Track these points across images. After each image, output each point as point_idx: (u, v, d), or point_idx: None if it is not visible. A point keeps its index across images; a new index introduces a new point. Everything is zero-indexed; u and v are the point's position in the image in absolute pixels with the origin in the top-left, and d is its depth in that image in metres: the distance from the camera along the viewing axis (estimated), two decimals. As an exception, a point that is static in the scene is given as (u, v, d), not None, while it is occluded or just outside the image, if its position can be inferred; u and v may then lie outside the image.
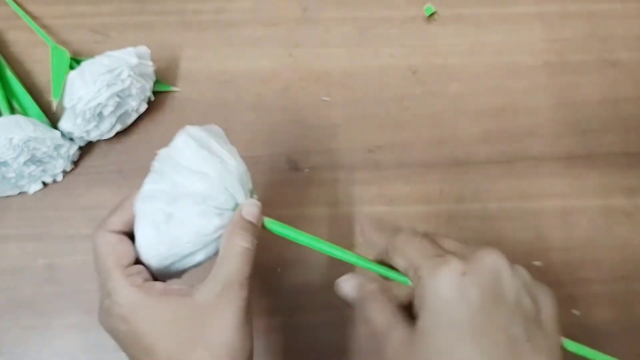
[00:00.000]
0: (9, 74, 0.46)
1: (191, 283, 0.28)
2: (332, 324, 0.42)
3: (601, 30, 0.51)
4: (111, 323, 0.27)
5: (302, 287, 0.42)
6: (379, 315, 0.26)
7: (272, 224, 0.31)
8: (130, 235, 0.29)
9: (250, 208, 0.29)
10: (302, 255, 0.43)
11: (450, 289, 0.22)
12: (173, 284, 0.28)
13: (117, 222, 0.29)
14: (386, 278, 0.29)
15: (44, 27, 0.49)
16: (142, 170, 0.45)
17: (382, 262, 0.29)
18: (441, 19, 0.51)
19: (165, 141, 0.46)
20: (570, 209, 0.45)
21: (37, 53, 0.48)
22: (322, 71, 0.48)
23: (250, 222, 0.28)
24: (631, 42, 0.50)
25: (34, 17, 0.49)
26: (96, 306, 0.41)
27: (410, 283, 0.26)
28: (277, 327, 0.42)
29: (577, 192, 0.45)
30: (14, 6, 0.49)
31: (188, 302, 0.26)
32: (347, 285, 0.29)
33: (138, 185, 0.45)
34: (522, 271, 0.26)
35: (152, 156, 0.45)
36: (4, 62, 0.46)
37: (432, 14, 0.50)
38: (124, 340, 0.27)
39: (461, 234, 0.44)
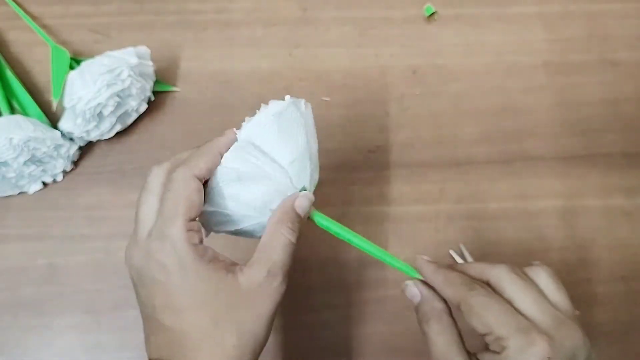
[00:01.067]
0: (9, 73, 0.46)
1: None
2: (333, 323, 0.42)
3: (601, 31, 0.51)
4: (146, 266, 0.26)
5: (302, 287, 0.43)
6: (440, 339, 0.27)
7: (319, 218, 0.30)
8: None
9: (303, 201, 0.28)
10: (302, 255, 0.43)
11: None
12: (221, 254, 0.27)
13: (204, 168, 0.27)
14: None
15: (44, 27, 0.49)
16: (142, 170, 0.45)
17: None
18: (441, 19, 0.51)
19: (166, 141, 0.46)
20: (570, 209, 0.45)
21: (37, 53, 0.48)
22: (322, 71, 0.48)
23: (299, 215, 0.28)
24: (631, 42, 0.50)
25: (34, 17, 0.49)
26: (96, 306, 0.41)
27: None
28: (278, 326, 0.42)
29: (577, 192, 0.45)
30: (14, 6, 0.49)
31: (231, 280, 0.26)
32: (413, 291, 0.30)
33: (138, 185, 0.45)
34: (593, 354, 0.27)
35: (152, 156, 0.46)
36: (4, 62, 0.46)
37: (432, 14, 0.50)
38: (151, 289, 0.26)
39: (461, 234, 0.44)
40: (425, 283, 0.30)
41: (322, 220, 0.31)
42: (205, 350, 0.25)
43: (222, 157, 0.28)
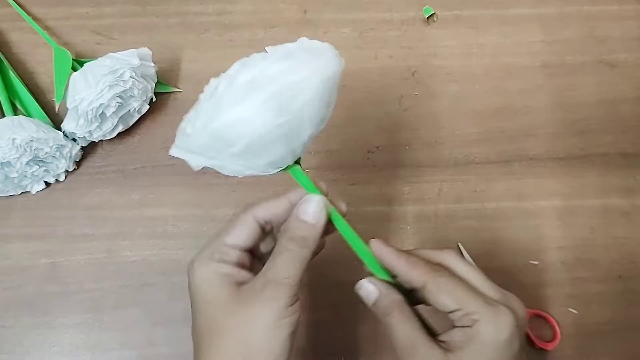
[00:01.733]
0: (12, 75, 0.46)
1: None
2: (332, 322, 0.42)
3: (598, 32, 0.51)
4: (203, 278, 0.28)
5: (303, 286, 0.43)
6: (405, 327, 0.27)
7: (337, 220, 0.29)
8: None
9: (314, 209, 0.28)
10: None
11: (505, 337, 0.26)
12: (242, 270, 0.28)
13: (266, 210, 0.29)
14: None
15: (46, 28, 0.50)
16: (144, 170, 0.46)
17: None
18: (440, 20, 0.51)
19: (167, 141, 0.47)
20: (567, 208, 0.45)
21: (40, 54, 0.49)
22: (322, 72, 0.49)
23: (307, 223, 0.28)
24: (628, 44, 0.51)
25: (36, 19, 0.50)
26: (98, 305, 0.42)
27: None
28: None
29: (574, 192, 0.46)
30: (16, 8, 0.49)
31: (237, 291, 0.27)
32: (369, 288, 0.29)
33: (140, 185, 0.45)
34: None
35: (153, 156, 0.46)
36: (7, 63, 0.47)
37: (430, 16, 0.51)
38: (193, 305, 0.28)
39: (460, 234, 0.44)
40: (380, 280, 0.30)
41: (339, 222, 0.30)
42: (207, 354, 0.26)
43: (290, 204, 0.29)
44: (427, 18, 0.51)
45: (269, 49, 0.27)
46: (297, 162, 0.29)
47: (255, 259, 0.30)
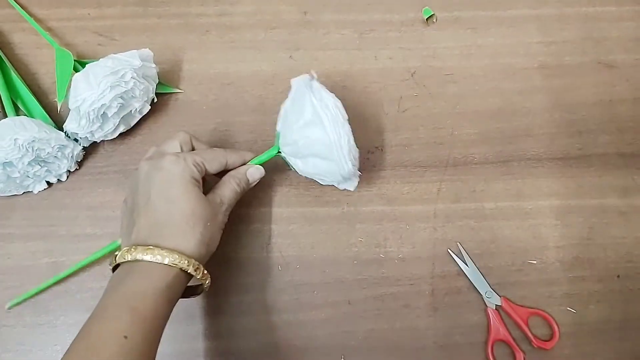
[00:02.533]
0: (14, 75, 0.47)
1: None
2: (332, 321, 0.42)
3: (596, 33, 0.51)
4: (156, 168, 0.36)
5: (301, 286, 0.43)
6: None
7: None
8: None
9: (255, 172, 0.41)
10: (301, 254, 0.44)
11: None
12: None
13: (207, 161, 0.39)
14: None
15: (48, 29, 0.50)
16: (145, 171, 0.46)
17: None
18: (439, 21, 0.52)
19: (168, 142, 0.47)
20: (565, 208, 0.46)
21: (42, 55, 0.49)
22: (322, 73, 0.49)
23: (247, 179, 0.40)
24: (626, 45, 0.51)
25: (38, 20, 0.50)
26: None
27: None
28: (278, 324, 0.42)
29: (572, 192, 0.46)
30: (19, 9, 0.50)
31: (204, 196, 0.37)
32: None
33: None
34: None
35: (154, 157, 0.46)
36: (9, 64, 0.47)
37: (430, 17, 0.51)
38: (153, 184, 0.36)
39: (459, 233, 0.45)
40: None
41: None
42: (178, 231, 0.35)
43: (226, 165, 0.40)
44: (427, 19, 0.51)
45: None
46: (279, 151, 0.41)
47: None
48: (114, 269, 0.35)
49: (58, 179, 0.45)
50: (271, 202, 0.45)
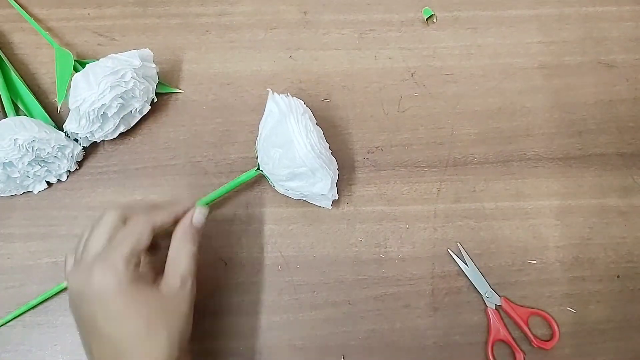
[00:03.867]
0: (14, 75, 0.47)
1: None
2: (332, 321, 0.42)
3: (596, 33, 0.51)
4: (88, 284, 0.31)
5: (301, 286, 0.43)
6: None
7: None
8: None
9: (198, 216, 0.36)
10: (301, 254, 0.44)
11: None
12: (147, 270, 0.34)
13: (159, 222, 0.34)
14: None
15: (48, 29, 0.50)
16: (145, 171, 0.46)
17: None
18: (439, 21, 0.52)
19: (168, 142, 0.47)
20: (565, 208, 0.46)
21: (42, 55, 0.49)
22: (322, 73, 0.49)
23: (197, 228, 0.35)
24: (626, 44, 0.51)
25: (38, 20, 0.50)
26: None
27: None
28: (278, 324, 0.42)
29: (572, 191, 0.46)
30: (18, 9, 0.50)
31: (156, 292, 0.32)
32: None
33: (141, 186, 0.46)
34: None
35: (155, 157, 0.46)
36: (8, 64, 0.47)
37: (430, 17, 0.51)
38: (92, 305, 0.31)
39: (458, 233, 0.44)
40: None
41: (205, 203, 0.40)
42: (142, 347, 0.30)
43: (174, 220, 0.35)
44: (427, 19, 0.51)
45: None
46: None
47: None
48: None
49: (58, 179, 0.45)
50: (271, 201, 0.45)
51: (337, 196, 0.43)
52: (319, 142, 0.38)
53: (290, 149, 0.38)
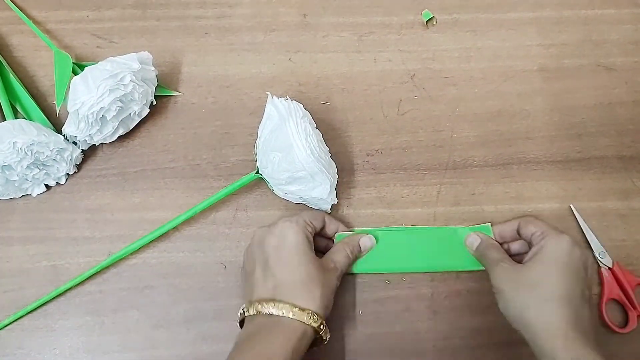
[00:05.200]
0: (13, 78, 0.46)
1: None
2: (331, 324, 0.42)
3: (596, 36, 0.51)
4: (271, 235, 0.39)
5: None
6: (494, 253, 0.40)
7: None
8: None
9: (366, 241, 0.42)
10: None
11: (563, 250, 0.38)
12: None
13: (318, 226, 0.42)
14: None
15: (47, 32, 0.50)
16: (144, 173, 0.46)
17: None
18: (439, 24, 0.52)
19: (167, 144, 0.47)
20: (565, 211, 0.46)
21: (41, 58, 0.49)
22: (322, 76, 0.49)
23: (359, 248, 0.42)
24: (625, 47, 0.51)
25: (37, 22, 0.50)
26: (99, 307, 0.42)
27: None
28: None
29: (572, 194, 0.46)
30: (17, 11, 0.49)
31: (319, 260, 0.39)
32: (475, 237, 0.42)
33: (140, 188, 0.45)
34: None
35: (154, 159, 0.46)
36: (7, 67, 0.47)
37: (429, 20, 0.51)
38: (269, 250, 0.38)
39: (458, 236, 0.44)
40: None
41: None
42: (302, 291, 0.36)
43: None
44: (426, 22, 0.51)
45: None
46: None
47: None
48: (241, 323, 0.38)
49: (57, 182, 0.45)
50: (270, 205, 0.45)
51: (337, 200, 0.42)
52: (318, 146, 0.38)
53: (289, 153, 0.37)
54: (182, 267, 0.43)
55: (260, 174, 0.41)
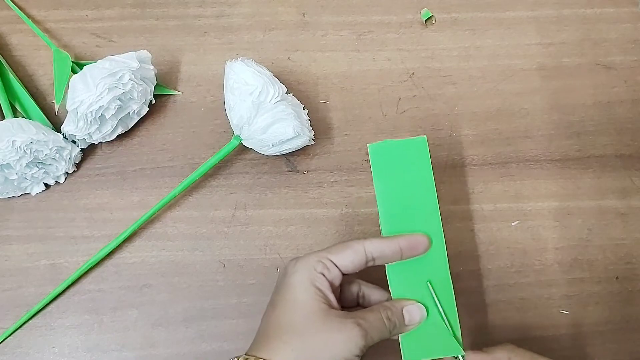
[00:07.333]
0: (12, 77, 0.46)
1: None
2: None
3: (595, 34, 0.51)
4: (282, 278, 0.34)
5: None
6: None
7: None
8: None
9: (416, 314, 0.34)
10: (300, 255, 0.44)
11: None
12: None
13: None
14: None
15: (46, 31, 0.50)
16: (143, 172, 0.46)
17: None
18: (438, 23, 0.52)
19: (166, 143, 0.47)
20: (564, 210, 0.46)
21: (40, 57, 0.49)
22: (321, 75, 0.49)
23: (404, 319, 0.33)
24: (624, 46, 0.51)
25: (36, 21, 0.50)
26: (98, 306, 0.42)
27: None
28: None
29: (571, 193, 0.46)
30: (16, 10, 0.49)
31: (325, 310, 0.31)
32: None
33: (139, 187, 0.45)
34: None
35: (153, 158, 0.46)
36: (6, 66, 0.47)
37: (428, 19, 0.51)
38: (276, 298, 0.33)
39: (457, 235, 0.44)
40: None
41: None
42: (273, 341, 0.31)
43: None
44: (425, 21, 0.51)
45: None
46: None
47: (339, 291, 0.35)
48: None
49: (56, 181, 0.45)
50: (269, 203, 0.45)
51: (313, 132, 0.43)
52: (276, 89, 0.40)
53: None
54: (181, 266, 0.43)
55: (239, 135, 0.42)
